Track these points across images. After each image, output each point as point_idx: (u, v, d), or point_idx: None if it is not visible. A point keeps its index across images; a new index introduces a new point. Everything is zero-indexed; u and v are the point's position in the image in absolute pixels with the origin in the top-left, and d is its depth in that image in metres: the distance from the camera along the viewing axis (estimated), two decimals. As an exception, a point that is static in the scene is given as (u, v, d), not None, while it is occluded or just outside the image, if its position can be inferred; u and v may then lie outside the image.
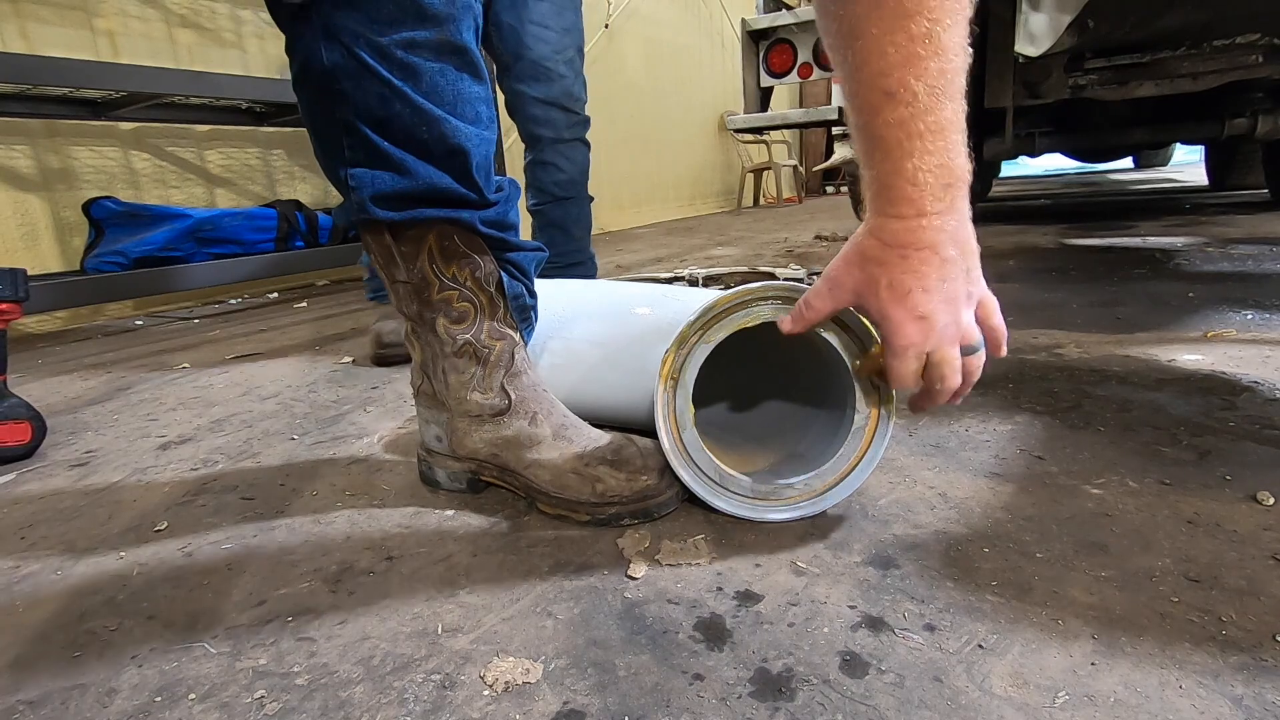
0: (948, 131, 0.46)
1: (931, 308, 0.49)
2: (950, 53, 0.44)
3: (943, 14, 0.43)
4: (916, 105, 0.45)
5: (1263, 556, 0.51)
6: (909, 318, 0.50)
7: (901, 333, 0.50)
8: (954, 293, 0.50)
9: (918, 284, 0.49)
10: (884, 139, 0.47)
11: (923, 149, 0.46)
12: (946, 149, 0.46)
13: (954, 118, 0.46)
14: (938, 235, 0.48)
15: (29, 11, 2.02)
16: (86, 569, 0.62)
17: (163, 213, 2.08)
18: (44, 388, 1.31)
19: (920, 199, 0.47)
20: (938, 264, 0.49)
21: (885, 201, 0.49)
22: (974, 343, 0.52)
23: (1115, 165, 6.60)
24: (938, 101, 0.45)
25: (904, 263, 0.49)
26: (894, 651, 0.44)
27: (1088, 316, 1.26)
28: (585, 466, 0.64)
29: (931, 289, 0.49)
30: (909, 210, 0.48)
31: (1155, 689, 0.40)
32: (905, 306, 0.49)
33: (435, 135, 0.60)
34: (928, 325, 0.49)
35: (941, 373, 0.51)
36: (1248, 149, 3.25)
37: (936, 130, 0.46)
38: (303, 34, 0.57)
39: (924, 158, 0.46)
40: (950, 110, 0.46)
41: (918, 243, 0.48)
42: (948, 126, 0.46)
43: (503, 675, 0.44)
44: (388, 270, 0.67)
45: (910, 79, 0.44)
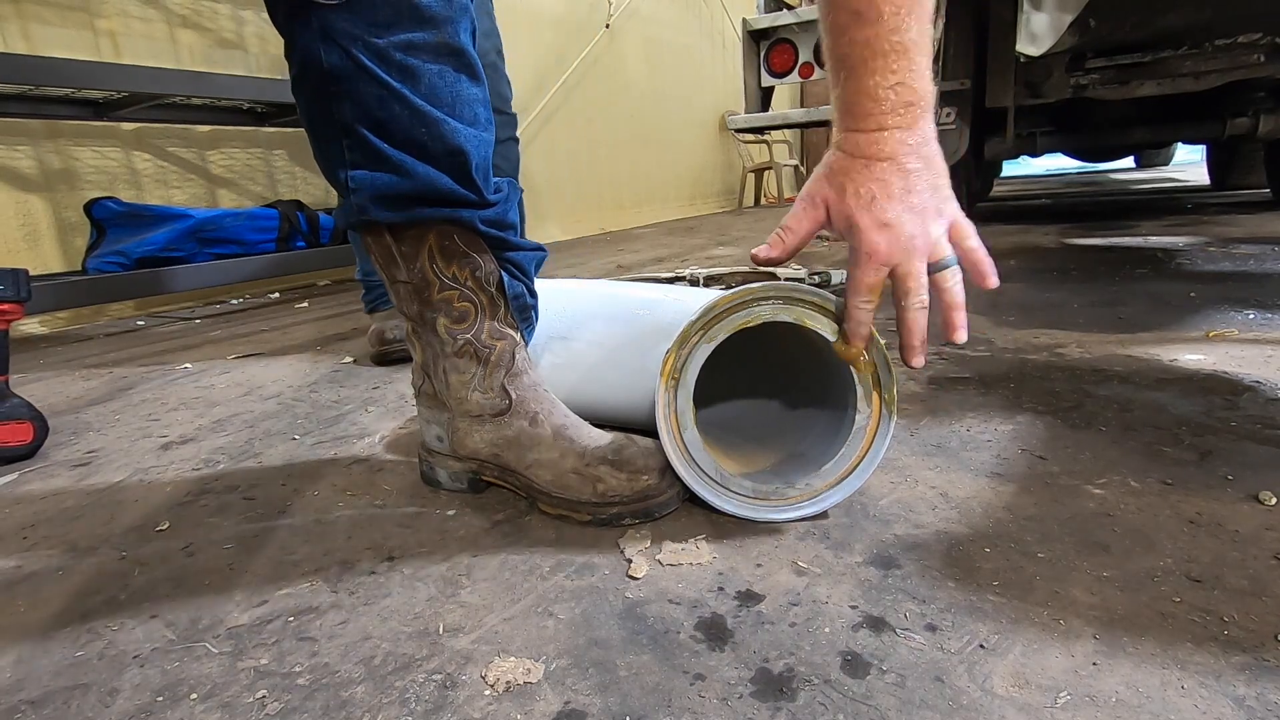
0: (911, 52, 0.48)
1: (895, 215, 0.50)
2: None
3: None
4: (882, 25, 0.47)
5: (1265, 556, 0.51)
6: (874, 224, 0.51)
7: (867, 238, 0.51)
8: (920, 204, 0.51)
9: (881, 190, 0.50)
10: (849, 57, 0.49)
11: (885, 67, 0.48)
12: (909, 68, 0.48)
13: (918, 39, 0.48)
14: (899, 146, 0.50)
15: (31, 12, 2.02)
16: (88, 569, 0.62)
17: (164, 213, 2.09)
18: (46, 388, 1.32)
19: (880, 113, 0.49)
20: (900, 174, 0.50)
21: (849, 116, 0.50)
22: (943, 258, 0.52)
23: (1116, 165, 6.60)
24: (903, 22, 0.47)
25: (867, 171, 0.50)
26: (895, 651, 0.44)
27: (1089, 316, 1.26)
28: (586, 466, 0.64)
29: (895, 196, 0.50)
30: (870, 124, 0.50)
31: (1157, 689, 0.40)
32: (870, 212, 0.50)
33: (434, 136, 0.60)
34: (893, 233, 0.50)
35: (907, 286, 0.52)
36: (1249, 148, 3.25)
37: (900, 50, 0.47)
38: (301, 36, 0.57)
39: (886, 75, 0.48)
40: (915, 32, 0.47)
41: (879, 154, 0.50)
42: (911, 47, 0.48)
43: (504, 675, 0.44)
44: (388, 271, 0.67)
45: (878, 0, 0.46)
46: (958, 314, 0.54)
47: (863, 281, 0.53)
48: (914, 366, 0.55)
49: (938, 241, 0.52)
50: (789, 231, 0.55)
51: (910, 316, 0.53)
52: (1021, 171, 7.61)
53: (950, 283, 0.53)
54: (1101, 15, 1.56)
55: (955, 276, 0.53)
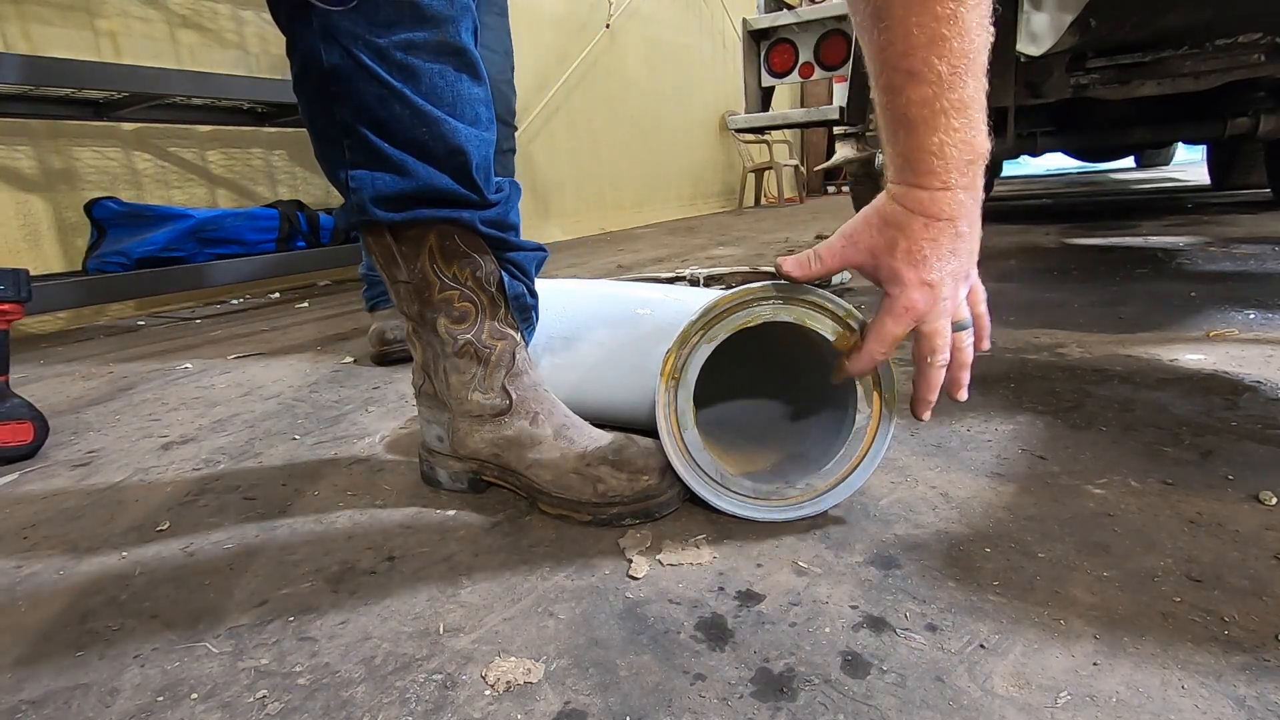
0: (970, 109, 0.47)
1: (941, 276, 0.51)
2: (973, 32, 0.45)
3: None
4: (940, 84, 0.46)
5: (1265, 556, 0.51)
6: (918, 281, 0.51)
7: (907, 295, 0.52)
8: (961, 268, 0.52)
9: (933, 252, 0.51)
10: (908, 116, 0.48)
11: (947, 125, 0.47)
12: (969, 125, 0.48)
13: (975, 95, 0.47)
14: (959, 209, 0.50)
15: (31, 13, 2.02)
16: (89, 569, 0.62)
17: (164, 213, 2.09)
18: (46, 388, 1.32)
19: (945, 171, 0.49)
20: (953, 236, 0.50)
21: (911, 173, 0.50)
22: (963, 319, 0.54)
23: (1117, 165, 6.60)
24: (960, 80, 0.46)
25: (925, 230, 0.50)
26: (896, 651, 0.44)
27: (1090, 316, 1.26)
28: (587, 466, 0.64)
29: (944, 259, 0.51)
30: (934, 182, 0.49)
31: (1157, 689, 0.40)
32: (918, 270, 0.51)
33: (435, 136, 0.60)
34: (933, 293, 0.51)
35: (934, 345, 0.53)
36: (1250, 148, 3.25)
37: (960, 107, 0.47)
38: (302, 35, 0.57)
39: (949, 133, 0.48)
40: (972, 88, 0.47)
41: (940, 213, 0.50)
42: (970, 104, 0.47)
43: (504, 675, 0.44)
44: (389, 270, 0.67)
45: (934, 58, 0.46)
46: (964, 373, 0.55)
47: (890, 333, 0.53)
48: (921, 419, 0.57)
49: (961, 304, 0.53)
50: (820, 261, 0.56)
51: (932, 373, 0.54)
52: (1022, 171, 7.61)
53: (964, 343, 0.54)
54: (1102, 15, 1.56)
55: (969, 338, 0.55)
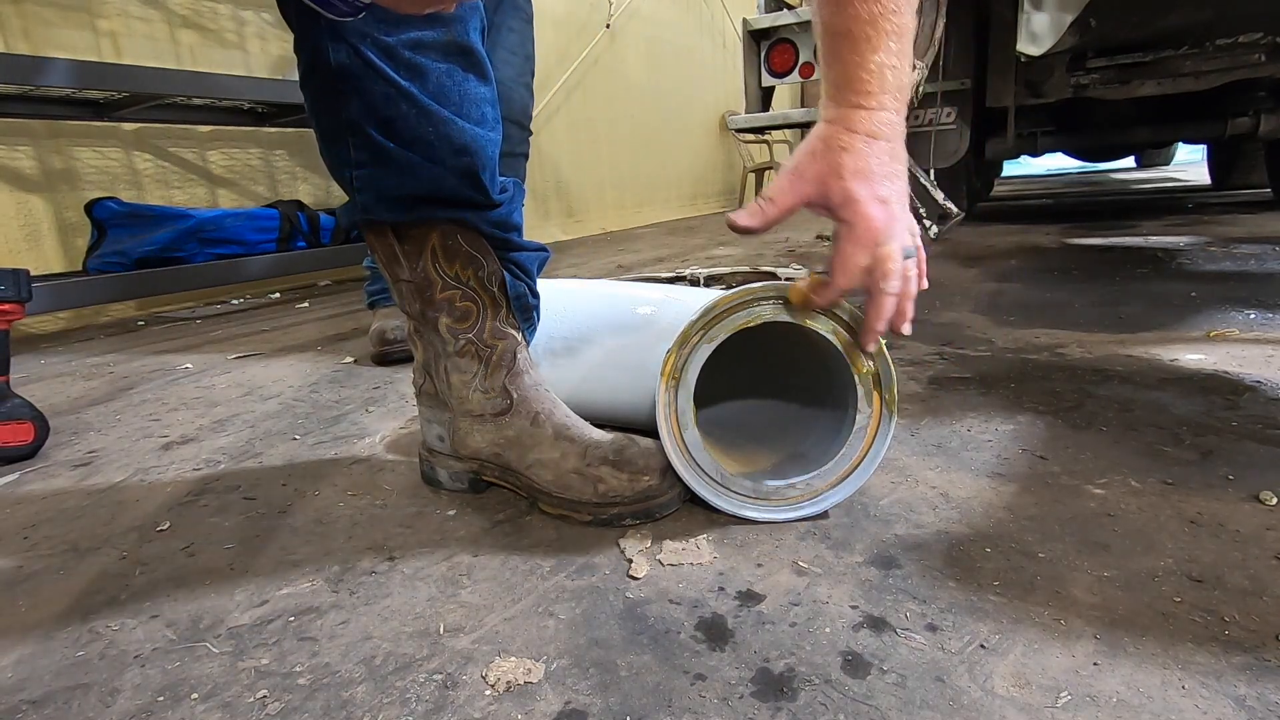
0: (905, 36, 0.49)
1: (889, 192, 0.51)
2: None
3: None
4: (885, 4, 0.48)
5: (1266, 556, 0.51)
6: (873, 197, 0.51)
7: (865, 213, 0.51)
8: (902, 190, 0.52)
9: (880, 169, 0.51)
10: (852, 33, 0.49)
11: (885, 46, 0.49)
12: (902, 51, 0.49)
13: (910, 24, 0.49)
14: (893, 131, 0.51)
15: (32, 13, 2.02)
16: (89, 569, 0.62)
17: (165, 213, 2.09)
18: (46, 388, 1.32)
19: (883, 92, 0.50)
20: (893, 158, 0.51)
21: (850, 92, 0.51)
22: (910, 246, 0.53)
23: (1117, 164, 6.59)
24: (901, 4, 0.48)
25: (868, 148, 0.51)
26: (896, 651, 0.44)
27: (1090, 316, 1.26)
28: (587, 466, 0.64)
29: (890, 177, 0.51)
30: (872, 101, 0.50)
31: (1158, 689, 0.40)
32: (870, 186, 0.51)
33: (441, 136, 0.60)
34: (887, 210, 0.51)
35: (887, 269, 0.52)
36: (1250, 148, 3.25)
37: (898, 32, 0.48)
38: (309, 32, 0.57)
39: (887, 55, 0.49)
40: (908, 17, 0.49)
41: (879, 134, 0.51)
42: (905, 31, 0.49)
43: (504, 675, 0.44)
44: (390, 269, 0.67)
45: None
46: (909, 304, 0.54)
47: (854, 260, 0.52)
48: (868, 351, 0.56)
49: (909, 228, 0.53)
50: (770, 203, 0.55)
51: (884, 301, 0.53)
52: (1022, 171, 7.60)
53: (911, 272, 0.54)
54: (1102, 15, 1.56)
55: (914, 267, 0.54)
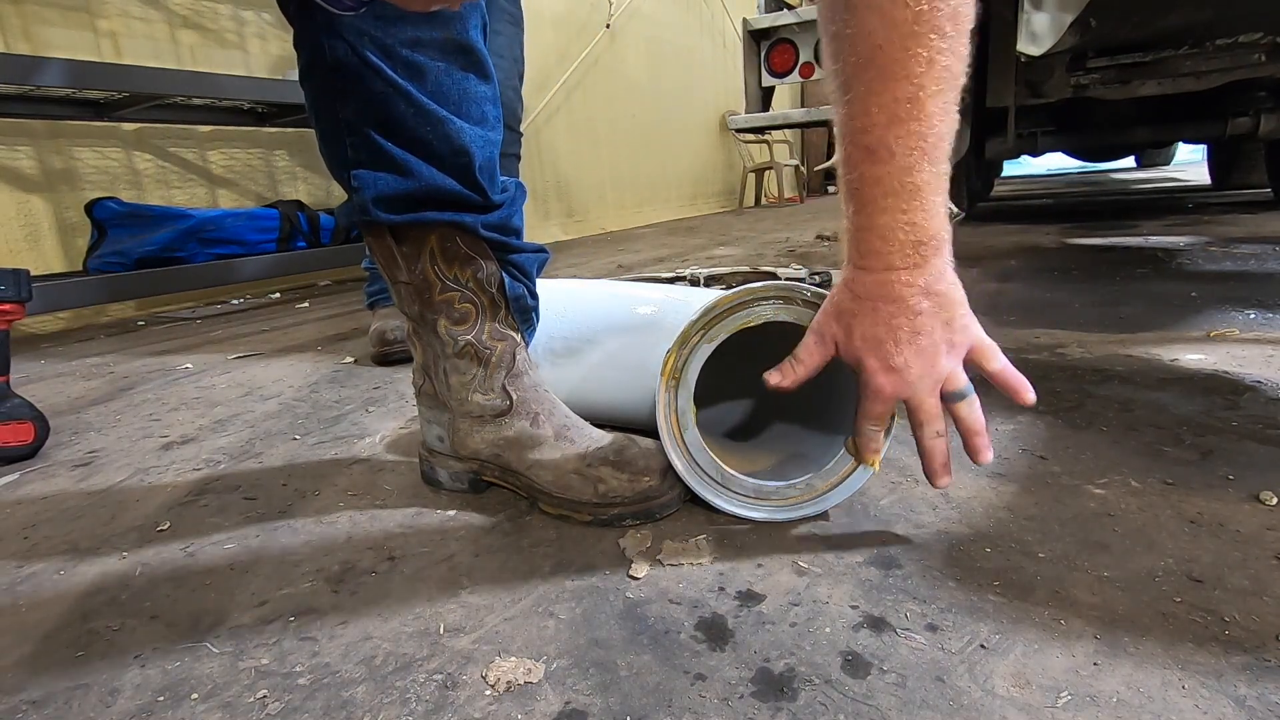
0: (923, 193, 0.47)
1: (903, 360, 0.50)
2: (934, 118, 0.45)
3: (929, 81, 0.44)
4: (893, 164, 0.46)
5: (1266, 556, 0.51)
6: (880, 367, 0.51)
7: (874, 381, 0.52)
8: (928, 345, 0.50)
9: (889, 336, 0.50)
10: (860, 193, 0.48)
11: (895, 207, 0.47)
12: (921, 209, 0.47)
13: (931, 180, 0.47)
14: (905, 290, 0.49)
15: (32, 13, 2.02)
16: (89, 569, 0.62)
17: (165, 213, 2.09)
18: (47, 388, 1.32)
19: (888, 254, 0.48)
20: (908, 316, 0.50)
21: (856, 253, 0.50)
22: (958, 389, 0.52)
23: (1117, 164, 6.60)
24: (915, 163, 0.46)
25: (874, 315, 0.50)
26: (896, 651, 0.44)
27: (1090, 316, 1.26)
28: (587, 467, 0.64)
29: (903, 341, 0.50)
30: (877, 264, 0.49)
31: (1158, 689, 0.40)
32: (878, 357, 0.51)
33: (439, 135, 0.59)
34: (899, 378, 0.51)
35: (919, 418, 0.52)
36: (1250, 148, 3.25)
37: (911, 191, 0.46)
38: (308, 29, 0.57)
39: (895, 215, 0.47)
40: (928, 174, 0.46)
41: (886, 296, 0.49)
42: (923, 188, 0.47)
43: (504, 675, 0.44)
44: (389, 271, 0.67)
45: (890, 139, 0.45)
46: (978, 439, 0.53)
47: (872, 411, 0.54)
48: (939, 487, 0.56)
49: (950, 374, 0.52)
50: (799, 363, 0.56)
51: (927, 444, 0.53)
52: (1022, 171, 7.60)
53: (965, 412, 0.52)
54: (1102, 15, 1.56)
55: (971, 406, 0.52)
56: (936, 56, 0.43)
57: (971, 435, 0.53)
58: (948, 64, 0.44)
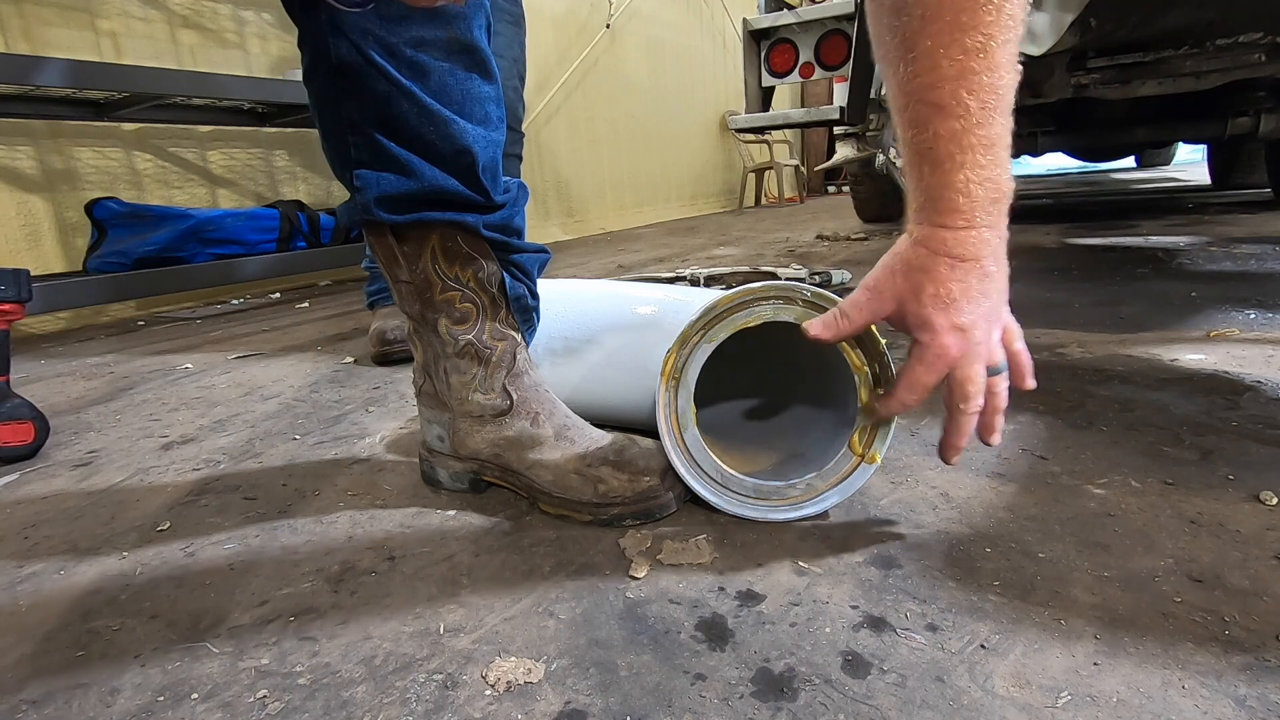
0: (996, 146, 0.46)
1: (972, 319, 0.49)
2: (1003, 68, 0.44)
3: (997, 30, 0.43)
4: (969, 119, 0.45)
5: (1266, 557, 0.51)
6: (950, 326, 0.49)
7: (939, 341, 0.50)
8: (992, 309, 0.50)
9: (963, 294, 0.49)
10: (934, 151, 0.47)
11: (974, 162, 0.46)
12: (996, 163, 0.46)
13: (1003, 133, 0.46)
14: (984, 248, 0.48)
15: (32, 13, 2.02)
16: (89, 569, 0.62)
17: (165, 213, 2.09)
18: (47, 388, 1.32)
19: (971, 210, 0.47)
20: (981, 277, 0.49)
21: (934, 212, 0.48)
22: (998, 363, 0.51)
23: (1117, 164, 6.59)
24: (989, 116, 0.45)
25: (951, 272, 0.49)
26: (896, 651, 0.44)
27: (1090, 316, 1.26)
28: (587, 467, 0.64)
29: (975, 301, 0.49)
30: (959, 221, 0.48)
31: (1158, 689, 0.40)
32: (948, 314, 0.49)
33: (442, 136, 0.59)
34: (965, 338, 0.49)
35: (967, 391, 0.50)
36: (1251, 148, 3.25)
37: (987, 144, 0.46)
38: (312, 28, 0.57)
39: (975, 170, 0.46)
40: (1000, 125, 0.46)
41: (965, 254, 0.48)
42: (997, 141, 0.46)
43: (504, 675, 0.44)
44: (390, 270, 0.67)
45: (963, 92, 0.44)
46: (998, 418, 0.53)
47: (922, 381, 0.52)
48: (951, 464, 0.55)
49: (996, 347, 0.51)
50: (846, 319, 0.54)
51: (964, 420, 0.52)
52: (1022, 171, 7.59)
53: (1000, 387, 0.52)
54: (1102, 15, 1.56)
55: (1004, 382, 0.52)
56: (1004, 3, 0.43)
57: (996, 413, 0.53)
58: (1013, 11, 0.43)
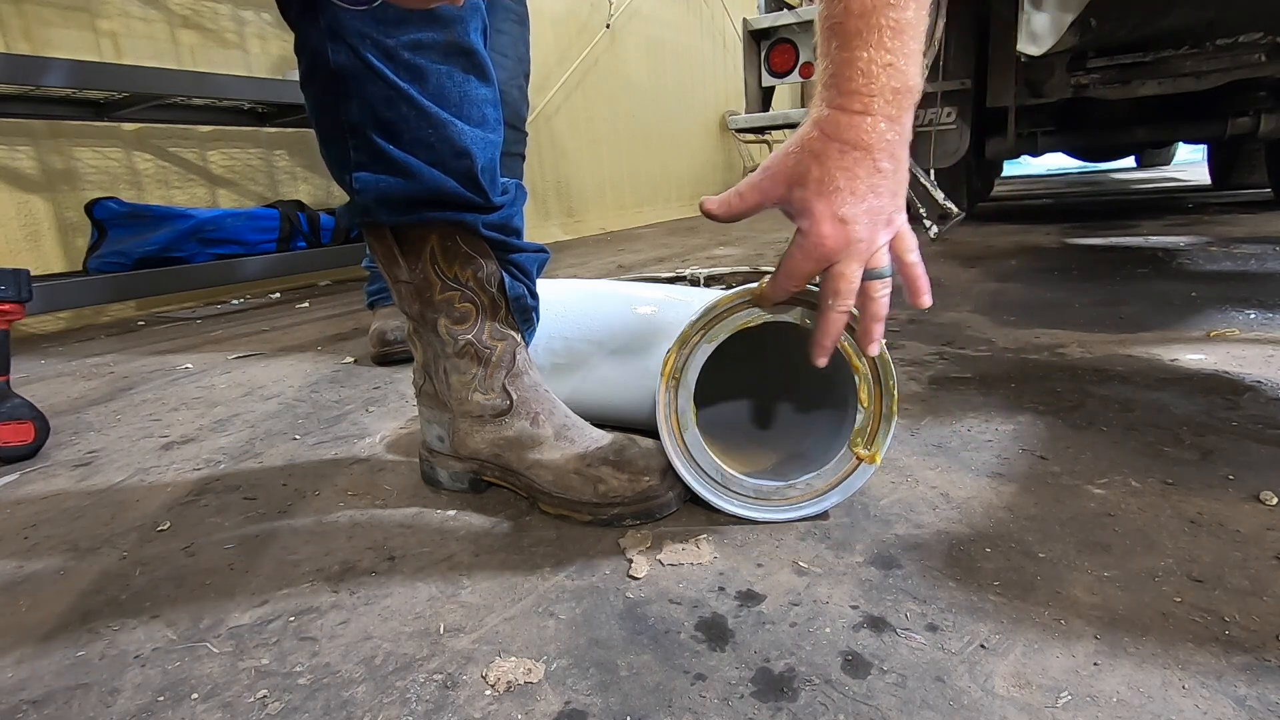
0: (905, 34, 0.46)
1: (853, 212, 0.48)
2: None
3: None
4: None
5: (1266, 556, 0.51)
6: (829, 215, 0.49)
7: (817, 229, 0.49)
8: (878, 207, 0.49)
9: (847, 184, 0.48)
10: (844, 26, 0.46)
11: (879, 42, 0.45)
12: (903, 49, 0.46)
13: (914, 21, 0.46)
14: (879, 140, 0.47)
15: (32, 13, 2.02)
16: (89, 569, 0.62)
17: (165, 213, 2.09)
18: (47, 388, 1.32)
19: (869, 93, 0.46)
20: (871, 169, 0.48)
21: (834, 92, 0.48)
22: (881, 267, 0.51)
23: (1117, 164, 6.59)
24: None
25: (840, 159, 0.48)
26: (896, 651, 0.44)
27: (1090, 316, 1.26)
28: (587, 467, 0.64)
29: (859, 193, 0.48)
30: (856, 104, 0.47)
31: (1158, 689, 0.40)
32: (829, 202, 0.48)
33: (441, 138, 0.59)
34: (844, 230, 0.49)
35: (838, 287, 0.50)
36: (1251, 148, 3.25)
37: (896, 28, 0.45)
38: (309, 33, 0.57)
39: (879, 51, 0.46)
40: (912, 13, 0.45)
41: (858, 141, 0.47)
42: (907, 28, 0.46)
43: (505, 675, 0.44)
44: (390, 270, 0.67)
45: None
46: (878, 326, 0.53)
47: (798, 269, 0.51)
48: (817, 364, 0.54)
49: (880, 250, 0.51)
50: (740, 197, 0.53)
51: (832, 317, 0.51)
52: (1022, 171, 7.59)
53: (879, 293, 0.52)
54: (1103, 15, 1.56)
55: (886, 288, 0.52)
56: None
57: (874, 320, 0.52)
58: None
